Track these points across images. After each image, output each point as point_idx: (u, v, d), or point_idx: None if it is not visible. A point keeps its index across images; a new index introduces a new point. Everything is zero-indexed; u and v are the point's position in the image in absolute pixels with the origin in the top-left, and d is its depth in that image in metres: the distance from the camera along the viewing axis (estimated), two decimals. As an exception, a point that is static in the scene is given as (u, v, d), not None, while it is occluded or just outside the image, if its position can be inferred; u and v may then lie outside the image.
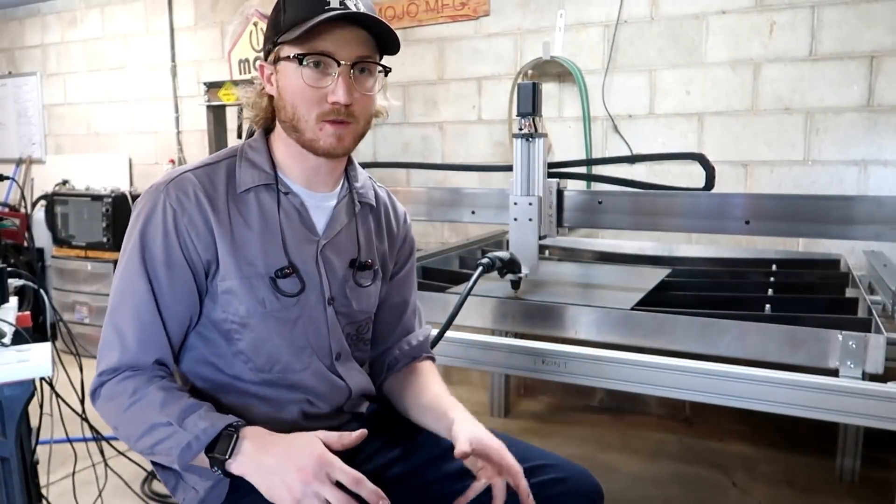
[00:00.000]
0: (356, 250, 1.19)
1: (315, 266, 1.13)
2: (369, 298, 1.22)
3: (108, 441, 2.12)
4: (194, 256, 1.06)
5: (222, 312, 1.08)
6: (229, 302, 1.08)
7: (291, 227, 1.12)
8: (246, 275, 1.07)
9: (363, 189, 1.23)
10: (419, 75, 3.45)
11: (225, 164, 1.12)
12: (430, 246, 2.99)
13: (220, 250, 1.07)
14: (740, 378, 1.42)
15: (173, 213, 1.05)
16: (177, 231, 1.05)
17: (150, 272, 1.05)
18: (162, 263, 1.05)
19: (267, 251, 1.09)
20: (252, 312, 1.08)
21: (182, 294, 1.07)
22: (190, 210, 1.06)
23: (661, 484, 2.49)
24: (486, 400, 3.18)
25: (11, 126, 5.07)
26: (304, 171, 1.14)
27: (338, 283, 1.16)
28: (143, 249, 1.05)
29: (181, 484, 1.10)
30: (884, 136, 2.61)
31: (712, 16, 2.84)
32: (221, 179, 1.10)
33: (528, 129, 1.82)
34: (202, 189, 1.07)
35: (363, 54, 1.06)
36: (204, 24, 4.20)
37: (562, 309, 1.70)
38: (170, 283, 1.05)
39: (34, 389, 1.36)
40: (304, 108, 1.05)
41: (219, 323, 1.09)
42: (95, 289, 4.01)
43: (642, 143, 3.01)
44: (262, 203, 1.11)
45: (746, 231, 1.77)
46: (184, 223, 1.05)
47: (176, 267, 1.05)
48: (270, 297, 1.09)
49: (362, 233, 1.21)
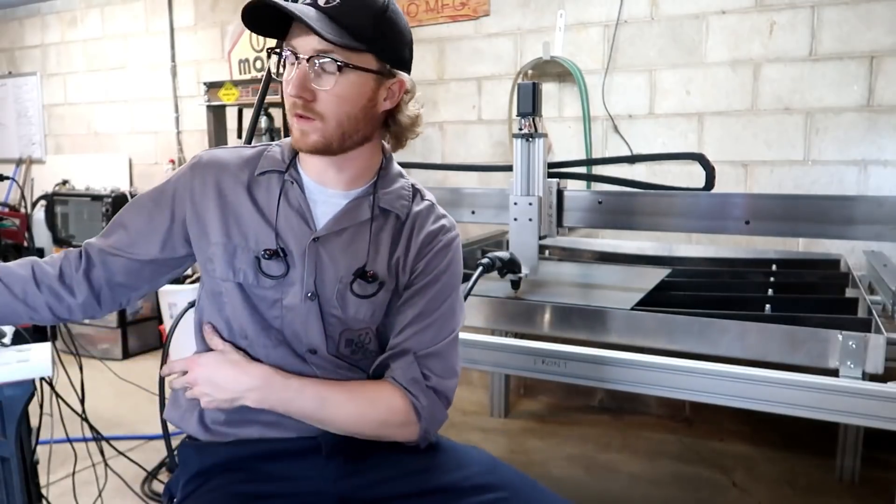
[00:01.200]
0: (363, 258, 1.12)
1: (302, 257, 1.12)
2: (368, 309, 1.13)
3: (108, 441, 2.12)
4: (180, 210, 1.15)
5: (209, 278, 1.15)
6: (214, 268, 1.13)
7: (288, 214, 1.13)
8: (229, 242, 1.12)
9: (390, 195, 1.16)
10: (419, 75, 3.42)
11: (260, 149, 1.19)
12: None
13: (213, 215, 1.13)
14: (740, 378, 1.42)
15: (191, 170, 1.16)
16: (185, 183, 1.16)
17: (141, 196, 1.19)
18: (154, 191, 1.18)
19: (259, 230, 1.12)
20: (226, 277, 1.12)
21: (143, 226, 1.16)
22: (205, 174, 1.15)
23: (661, 484, 2.49)
24: (486, 400, 3.18)
25: (11, 126, 5.07)
26: (315, 166, 1.15)
27: (330, 283, 1.12)
28: (155, 187, 1.20)
29: None
30: (884, 136, 2.61)
31: (712, 16, 2.84)
32: (250, 160, 1.17)
33: (528, 129, 1.82)
34: (229, 163, 1.16)
35: (322, 49, 1.01)
36: (204, 24, 4.20)
37: (562, 309, 1.70)
38: (144, 211, 1.17)
39: (34, 389, 1.36)
40: (286, 101, 1.07)
41: (211, 285, 1.16)
42: (95, 289, 4.01)
43: (642, 143, 3.01)
44: (270, 188, 1.14)
45: (746, 231, 1.77)
46: (196, 183, 1.15)
47: (159, 202, 1.16)
48: (249, 271, 1.11)
49: (377, 241, 1.13)
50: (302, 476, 1.12)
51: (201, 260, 1.16)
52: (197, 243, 1.15)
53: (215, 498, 1.09)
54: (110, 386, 3.05)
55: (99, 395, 2.70)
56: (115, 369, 3.00)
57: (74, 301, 1.15)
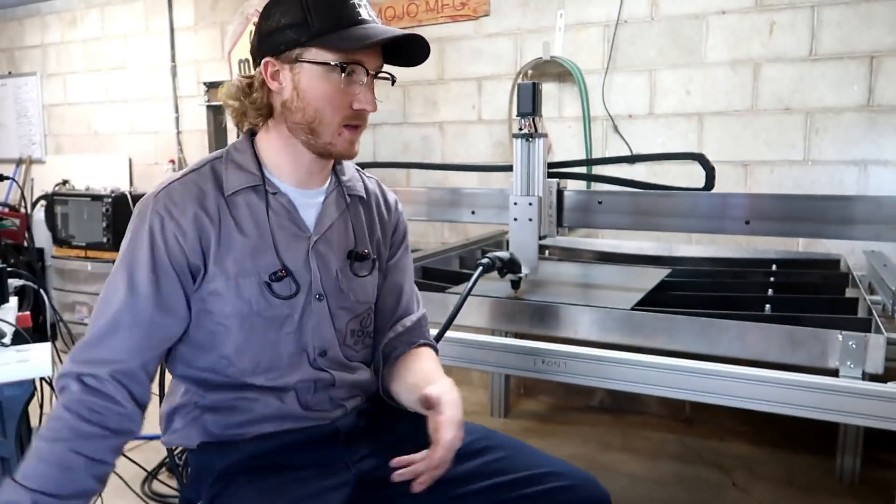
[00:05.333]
0: (351, 242, 1.20)
1: (306, 263, 1.13)
2: (367, 289, 1.22)
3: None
4: (181, 262, 1.06)
5: (208, 314, 1.09)
6: (215, 303, 1.08)
7: (282, 226, 1.12)
8: (232, 275, 1.08)
9: (351, 182, 1.23)
10: (419, 75, 3.45)
11: (209, 167, 1.12)
12: (430, 246, 2.99)
13: (207, 252, 1.07)
14: (740, 378, 1.42)
15: (160, 220, 1.05)
16: (164, 237, 1.05)
17: (134, 280, 1.04)
18: (149, 271, 1.04)
19: (257, 253, 1.09)
20: (237, 312, 1.08)
21: (169, 302, 1.06)
22: (177, 216, 1.06)
23: (661, 484, 2.49)
24: (486, 400, 3.18)
25: (11, 126, 5.07)
26: (297, 171, 1.14)
27: (332, 277, 1.16)
28: (130, 259, 1.05)
29: None
30: (884, 136, 2.61)
31: (712, 16, 2.84)
32: (209, 184, 1.10)
33: (528, 129, 1.82)
34: (190, 194, 1.07)
35: (381, 65, 1.12)
36: (204, 24, 4.20)
37: (562, 309, 1.69)
38: (155, 292, 1.05)
39: (34, 389, 1.37)
40: (331, 113, 1.07)
41: (205, 326, 1.10)
42: (95, 289, 4.01)
43: (642, 143, 3.01)
44: (251, 205, 1.11)
45: (746, 231, 1.77)
46: (171, 229, 1.05)
47: (162, 274, 1.05)
48: (258, 297, 1.09)
49: (355, 224, 1.21)
50: (323, 463, 1.15)
51: (195, 303, 1.09)
52: (190, 288, 1.08)
53: (248, 494, 1.09)
54: (110, 386, 3.05)
55: (99, 395, 2.70)
56: (115, 369, 2.99)
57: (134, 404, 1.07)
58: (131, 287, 1.05)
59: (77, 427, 1.00)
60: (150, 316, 1.05)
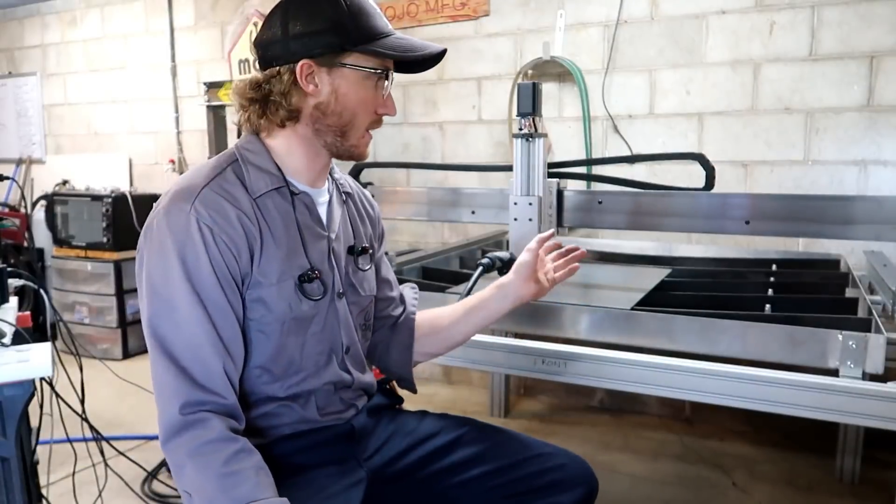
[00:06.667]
0: (351, 237, 1.23)
1: (328, 263, 1.15)
2: (371, 281, 1.27)
3: (108, 441, 2.12)
4: (236, 272, 1.03)
5: (248, 322, 1.06)
6: (257, 309, 1.06)
7: (307, 227, 1.13)
8: (275, 280, 1.07)
9: (342, 179, 1.27)
10: (419, 75, 3.40)
11: (231, 170, 1.08)
12: (430, 246, 2.99)
13: (253, 259, 1.05)
14: (740, 378, 1.42)
15: (210, 231, 1.00)
16: (219, 249, 1.01)
17: (205, 299, 1.00)
18: (214, 286, 1.00)
19: (291, 256, 1.09)
20: (279, 317, 1.07)
21: (239, 313, 1.04)
22: (224, 225, 1.02)
23: (661, 484, 2.49)
24: (486, 400, 3.18)
25: (11, 126, 5.07)
26: (310, 171, 1.15)
27: (344, 273, 1.19)
28: (190, 276, 0.99)
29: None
30: (884, 136, 2.61)
31: (712, 16, 2.84)
32: (237, 188, 1.06)
33: (528, 129, 1.82)
34: (228, 201, 1.03)
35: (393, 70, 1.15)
36: (204, 24, 4.20)
37: (562, 309, 1.69)
38: (227, 305, 1.02)
39: (34, 389, 1.36)
40: (363, 117, 1.11)
41: (245, 335, 1.06)
42: (95, 289, 4.01)
43: (642, 143, 3.01)
44: (278, 207, 1.09)
45: (746, 231, 1.77)
46: (223, 240, 1.01)
47: (227, 286, 1.02)
48: (295, 299, 1.09)
49: (352, 220, 1.26)
50: (337, 461, 1.18)
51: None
52: (242, 293, 1.06)
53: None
54: (110, 386, 3.05)
55: (99, 396, 2.70)
56: (115, 369, 3.00)
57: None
58: (205, 308, 1.00)
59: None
60: (229, 330, 1.02)
